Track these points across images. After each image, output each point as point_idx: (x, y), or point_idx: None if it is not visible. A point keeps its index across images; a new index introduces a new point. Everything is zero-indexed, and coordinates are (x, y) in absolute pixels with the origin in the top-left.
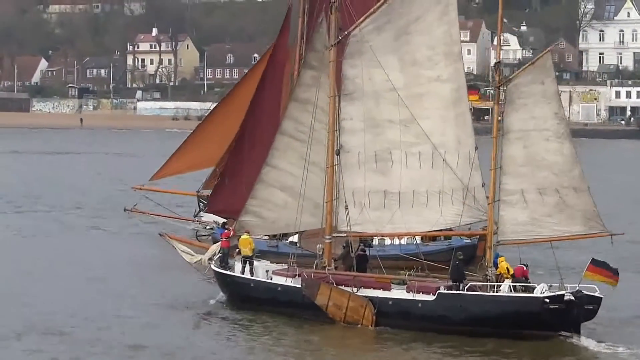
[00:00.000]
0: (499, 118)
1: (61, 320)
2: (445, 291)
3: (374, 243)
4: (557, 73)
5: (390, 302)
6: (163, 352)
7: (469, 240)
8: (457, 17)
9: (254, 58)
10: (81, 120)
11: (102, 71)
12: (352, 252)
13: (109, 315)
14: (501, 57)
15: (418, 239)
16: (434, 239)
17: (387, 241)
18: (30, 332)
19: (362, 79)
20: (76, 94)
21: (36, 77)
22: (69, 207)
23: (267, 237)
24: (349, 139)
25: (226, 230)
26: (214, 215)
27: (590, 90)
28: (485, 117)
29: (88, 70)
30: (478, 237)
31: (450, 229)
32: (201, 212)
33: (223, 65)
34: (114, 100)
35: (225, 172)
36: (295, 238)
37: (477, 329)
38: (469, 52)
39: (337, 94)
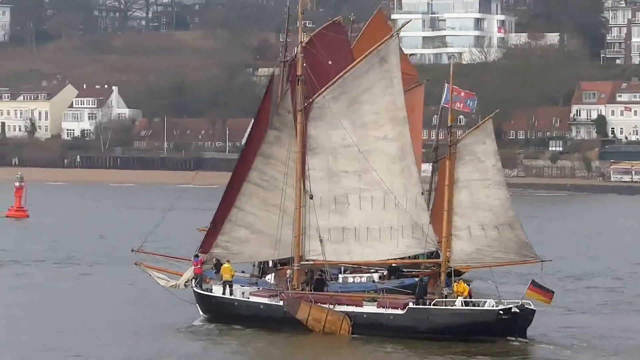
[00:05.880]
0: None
1: None
2: (414, 305)
3: (339, 280)
4: None
5: (364, 316)
6: None
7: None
8: (401, 88)
9: None
10: None
11: None
12: (325, 275)
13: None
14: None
15: (376, 277)
16: (389, 277)
17: (350, 279)
18: None
19: (323, 137)
20: None
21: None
22: None
23: (249, 275)
24: (312, 185)
25: (199, 259)
26: None
27: None
28: None
29: None
30: (428, 276)
31: (416, 257)
32: None
33: None
34: None
35: (216, 218)
36: (270, 277)
37: (441, 336)
38: None
39: (302, 150)
